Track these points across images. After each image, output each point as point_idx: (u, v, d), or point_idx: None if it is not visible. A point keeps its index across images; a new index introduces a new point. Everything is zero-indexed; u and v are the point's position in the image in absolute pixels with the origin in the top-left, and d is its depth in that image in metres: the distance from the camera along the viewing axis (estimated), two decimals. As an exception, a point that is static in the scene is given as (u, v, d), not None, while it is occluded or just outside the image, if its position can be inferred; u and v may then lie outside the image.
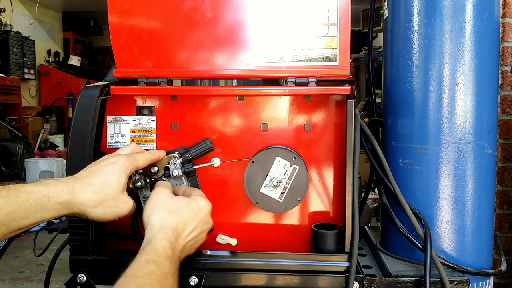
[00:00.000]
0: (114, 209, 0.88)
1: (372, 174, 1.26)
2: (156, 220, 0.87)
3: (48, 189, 0.82)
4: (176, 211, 0.89)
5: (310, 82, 0.99)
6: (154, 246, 0.81)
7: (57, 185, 0.83)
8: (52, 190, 0.82)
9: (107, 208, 0.87)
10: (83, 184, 0.86)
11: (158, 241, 0.82)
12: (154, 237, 0.83)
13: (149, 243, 0.82)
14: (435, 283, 0.96)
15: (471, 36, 1.02)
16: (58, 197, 0.82)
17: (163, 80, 1.01)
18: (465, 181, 1.04)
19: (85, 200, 0.85)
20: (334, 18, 0.98)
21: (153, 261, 0.77)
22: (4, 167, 5.08)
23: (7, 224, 0.78)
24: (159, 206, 0.90)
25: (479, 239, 1.06)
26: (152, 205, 0.91)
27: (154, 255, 0.79)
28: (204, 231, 0.93)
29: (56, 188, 0.83)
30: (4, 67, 6.17)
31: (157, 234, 0.84)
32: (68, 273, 0.99)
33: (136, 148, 0.99)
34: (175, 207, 0.90)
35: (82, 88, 1.00)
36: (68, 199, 0.83)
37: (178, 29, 1.00)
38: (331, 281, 0.97)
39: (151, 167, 1.00)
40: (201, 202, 0.93)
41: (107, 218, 0.89)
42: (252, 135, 1.04)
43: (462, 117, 1.03)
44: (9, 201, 0.78)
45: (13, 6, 6.64)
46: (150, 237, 0.84)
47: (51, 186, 0.82)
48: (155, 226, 0.86)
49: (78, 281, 0.99)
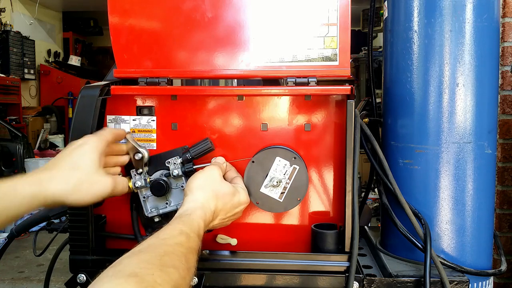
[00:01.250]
0: (90, 190, 0.85)
1: (372, 174, 1.26)
2: (200, 197, 0.90)
3: (14, 184, 0.80)
4: (220, 197, 0.92)
5: (310, 82, 0.99)
6: (191, 220, 0.83)
7: (25, 179, 0.81)
8: (19, 184, 0.80)
9: (83, 191, 0.85)
10: (51, 172, 0.83)
11: (196, 217, 0.84)
12: (194, 212, 0.86)
13: (187, 215, 0.84)
14: (435, 283, 0.96)
15: (471, 36, 1.02)
16: (24, 190, 0.80)
17: (163, 80, 1.01)
18: (465, 181, 1.04)
19: (56, 189, 0.82)
20: (334, 18, 0.98)
21: (186, 234, 0.78)
22: (4, 167, 5.08)
23: None
24: (208, 184, 0.93)
25: (479, 239, 1.06)
26: (203, 180, 0.93)
27: (188, 229, 0.80)
28: (230, 221, 0.97)
29: (22, 181, 0.81)
30: (4, 67, 6.17)
31: (197, 211, 0.86)
32: (68, 273, 0.99)
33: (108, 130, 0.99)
34: (221, 192, 0.93)
35: (82, 88, 1.00)
36: (38, 191, 0.80)
37: (178, 29, 1.00)
38: (331, 281, 0.97)
39: (135, 154, 1.00)
40: (243, 198, 0.97)
41: (87, 201, 0.86)
42: (252, 135, 1.04)
43: (462, 117, 1.03)
44: None
45: (13, 6, 6.63)
46: (190, 210, 0.86)
47: (17, 181, 0.80)
48: (197, 202, 0.89)
49: (78, 281, 0.99)
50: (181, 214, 0.85)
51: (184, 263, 0.71)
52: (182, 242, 0.76)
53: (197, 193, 0.91)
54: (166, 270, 0.66)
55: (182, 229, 0.79)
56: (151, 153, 1.05)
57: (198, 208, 0.87)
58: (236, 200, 0.95)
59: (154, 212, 1.03)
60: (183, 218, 0.83)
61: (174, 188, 1.03)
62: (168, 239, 0.75)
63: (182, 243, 0.75)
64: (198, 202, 0.89)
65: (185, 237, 0.77)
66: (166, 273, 0.66)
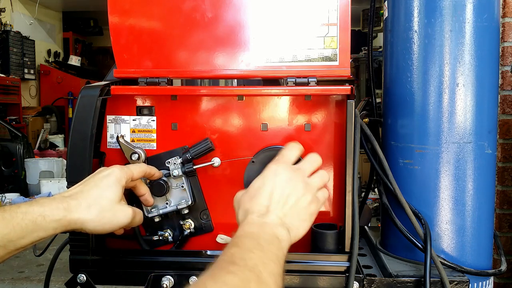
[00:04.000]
0: (113, 220, 0.89)
1: (372, 174, 1.26)
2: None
3: (43, 208, 0.83)
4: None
5: (310, 82, 0.99)
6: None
7: (52, 204, 0.84)
8: (47, 209, 0.83)
9: (105, 220, 0.88)
10: (78, 199, 0.87)
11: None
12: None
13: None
14: (435, 283, 0.96)
15: (471, 36, 1.02)
16: (53, 215, 0.83)
17: (163, 80, 1.01)
18: (465, 181, 1.04)
19: (81, 215, 0.86)
20: (334, 18, 0.98)
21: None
22: (4, 167, 5.09)
23: (4, 245, 0.79)
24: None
25: (479, 239, 1.06)
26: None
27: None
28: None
29: (51, 206, 0.84)
30: (4, 67, 6.17)
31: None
32: (68, 273, 0.99)
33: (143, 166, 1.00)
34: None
35: (82, 88, 1.00)
36: (64, 216, 0.84)
37: (178, 29, 1.00)
38: (331, 281, 0.97)
39: (132, 155, 1.01)
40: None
41: (106, 230, 0.90)
42: (252, 135, 1.04)
43: (462, 117, 1.03)
44: (4, 222, 0.79)
45: (13, 6, 6.64)
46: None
47: (46, 205, 0.84)
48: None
49: (78, 281, 0.99)
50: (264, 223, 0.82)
51: None
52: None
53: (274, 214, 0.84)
54: None
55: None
56: (151, 153, 1.05)
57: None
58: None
59: (154, 212, 1.04)
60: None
61: (174, 188, 1.03)
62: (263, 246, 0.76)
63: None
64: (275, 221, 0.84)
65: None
66: None
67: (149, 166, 1.00)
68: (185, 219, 1.06)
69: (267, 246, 0.75)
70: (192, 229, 1.06)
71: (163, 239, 1.05)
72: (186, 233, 1.06)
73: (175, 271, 0.98)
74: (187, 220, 1.06)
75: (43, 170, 5.12)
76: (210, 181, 1.06)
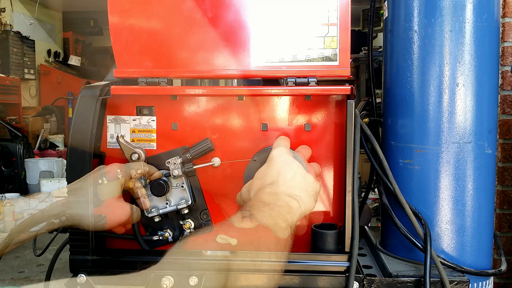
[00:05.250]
0: (111, 216, 0.91)
1: (372, 174, 1.26)
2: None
3: (42, 204, 0.85)
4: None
5: (310, 82, 0.99)
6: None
7: (51, 199, 0.87)
8: (46, 204, 0.86)
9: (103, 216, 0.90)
10: (76, 196, 0.88)
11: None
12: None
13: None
14: (435, 283, 0.96)
15: (471, 36, 1.02)
16: (51, 209, 0.86)
17: (163, 80, 1.01)
18: (465, 181, 1.04)
19: (77, 212, 0.87)
20: (334, 18, 0.98)
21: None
22: (4, 167, 5.08)
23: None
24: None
25: (479, 239, 1.06)
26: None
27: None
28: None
29: (51, 202, 0.86)
30: (4, 67, 6.17)
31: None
32: (68, 273, 0.99)
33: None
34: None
35: (82, 88, 1.00)
36: (62, 211, 0.86)
37: (178, 29, 1.00)
38: (331, 281, 0.97)
39: (132, 155, 1.01)
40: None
41: (104, 226, 0.91)
42: (252, 135, 1.04)
43: (462, 117, 1.03)
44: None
45: (13, 6, 6.63)
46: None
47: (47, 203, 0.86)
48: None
49: (78, 281, 0.99)
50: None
51: None
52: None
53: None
54: None
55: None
56: (151, 153, 1.05)
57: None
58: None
59: (154, 212, 1.04)
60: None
61: (174, 188, 1.03)
62: None
63: None
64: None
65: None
66: None
67: (149, 165, 1.00)
68: (185, 219, 1.06)
69: (278, 209, 0.82)
70: (192, 229, 1.06)
71: (163, 239, 1.05)
72: (186, 233, 1.06)
73: (175, 271, 0.98)
74: (187, 220, 1.06)
75: (43, 170, 5.12)
76: (210, 181, 1.05)
